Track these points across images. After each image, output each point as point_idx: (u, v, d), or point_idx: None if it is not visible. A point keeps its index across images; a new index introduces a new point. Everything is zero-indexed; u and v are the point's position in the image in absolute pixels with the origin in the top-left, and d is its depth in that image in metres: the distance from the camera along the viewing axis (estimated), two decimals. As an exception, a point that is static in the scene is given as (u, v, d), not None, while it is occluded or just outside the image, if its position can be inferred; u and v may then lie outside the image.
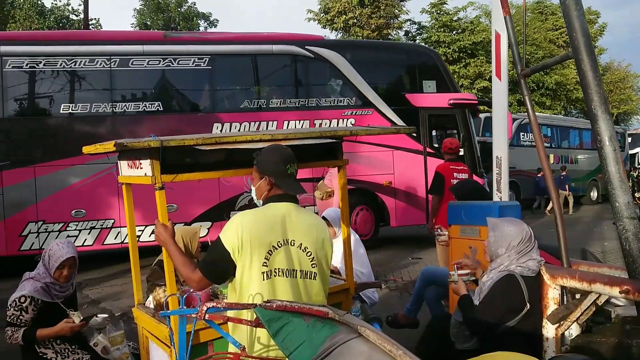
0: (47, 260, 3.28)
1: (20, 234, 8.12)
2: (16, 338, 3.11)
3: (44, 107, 8.67)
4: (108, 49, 8.52)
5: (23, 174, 8.12)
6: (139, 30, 35.33)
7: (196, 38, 9.24)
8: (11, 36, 9.27)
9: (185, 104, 9.44)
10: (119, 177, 3.09)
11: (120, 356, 3.36)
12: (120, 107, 8.68)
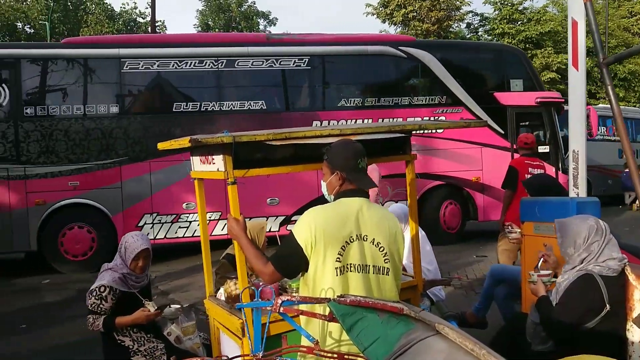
0: (123, 252, 3.43)
1: (137, 224, 8.64)
2: (97, 325, 3.26)
3: (157, 106, 9.20)
4: (216, 51, 8.94)
5: (139, 169, 8.66)
6: (201, 30, 36.36)
7: (296, 40, 9.54)
8: (129, 39, 9.98)
9: (286, 104, 9.75)
10: (192, 173, 3.18)
11: (192, 346, 3.47)
12: (226, 106, 9.05)
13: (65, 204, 8.49)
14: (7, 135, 8.31)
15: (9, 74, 8.42)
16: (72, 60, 8.75)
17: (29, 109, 8.49)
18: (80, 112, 8.60)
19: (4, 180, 8.28)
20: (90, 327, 3.29)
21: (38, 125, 8.43)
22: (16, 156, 8.33)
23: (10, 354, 5.05)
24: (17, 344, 5.34)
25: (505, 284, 4.19)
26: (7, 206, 8.28)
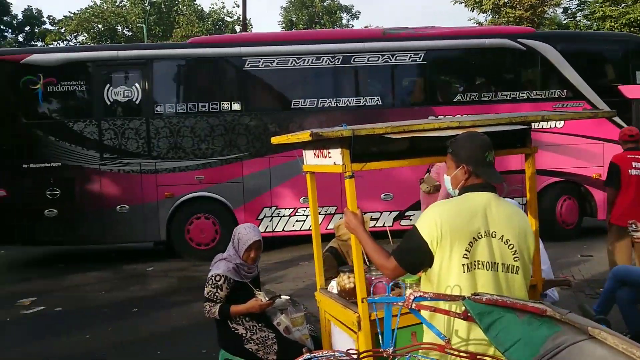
0: (236, 243, 3.54)
1: (257, 217, 9.05)
2: (213, 312, 3.40)
3: (277, 103, 9.51)
4: (333, 48, 9.06)
5: (260, 164, 9.00)
6: (285, 27, 37.00)
7: (412, 34, 9.40)
8: (251, 38, 10.12)
9: (402, 99, 9.74)
10: (304, 166, 3.22)
11: (301, 337, 3.52)
12: (343, 102, 9.12)
13: (191, 197, 9.01)
14: (139, 131, 8.88)
15: (142, 73, 8.97)
16: (198, 60, 9.21)
17: (159, 106, 9.01)
18: (205, 109, 9.03)
19: (136, 174, 8.88)
20: (207, 314, 3.43)
21: (167, 122, 8.94)
22: (148, 152, 8.90)
23: (129, 334, 5.42)
24: (132, 325, 5.72)
25: (629, 286, 3.90)
26: (140, 199, 8.90)
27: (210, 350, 4.74)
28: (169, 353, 4.80)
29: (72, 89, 8.91)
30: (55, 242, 9.20)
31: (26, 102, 8.89)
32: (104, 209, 8.82)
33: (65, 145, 8.75)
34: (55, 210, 8.70)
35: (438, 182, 6.50)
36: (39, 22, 38.76)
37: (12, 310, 6.40)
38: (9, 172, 8.77)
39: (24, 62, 8.72)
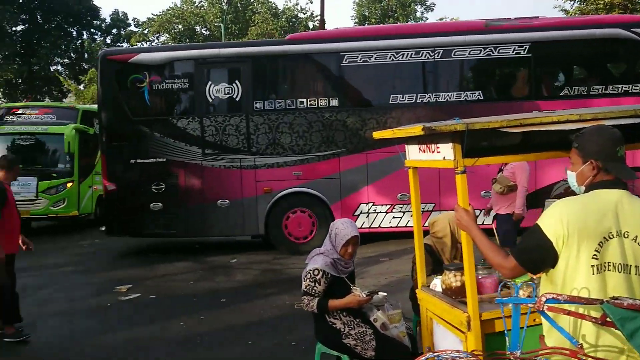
0: (333, 237, 3.54)
1: (353, 213, 9.13)
2: (312, 306, 3.43)
3: (375, 98, 9.38)
4: (432, 41, 8.90)
5: (357, 160, 9.04)
6: (358, 22, 36.83)
7: (516, 26, 9.08)
8: (348, 33, 10.00)
9: (505, 93, 9.47)
10: (406, 162, 3.16)
11: (398, 334, 3.48)
12: (442, 97, 8.97)
13: (289, 192, 9.17)
14: (239, 128, 9.11)
15: (242, 71, 9.17)
16: (297, 56, 9.30)
17: (258, 103, 9.16)
18: (303, 105, 9.13)
19: (237, 170, 9.14)
20: (305, 308, 3.46)
21: (266, 118, 9.11)
22: (247, 148, 9.12)
23: (219, 323, 5.60)
24: (222, 314, 5.91)
25: None
26: (240, 193, 9.17)
27: (299, 342, 4.81)
28: (258, 343, 4.91)
29: (176, 86, 9.27)
30: (160, 234, 9.61)
31: (133, 100, 9.31)
32: (205, 203, 9.13)
33: (169, 142, 9.12)
34: (160, 204, 9.11)
35: (513, 182, 6.23)
36: (125, 24, 40.91)
37: (111, 296, 6.80)
38: (119, 167, 9.27)
39: (132, 62, 9.16)
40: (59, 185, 12.20)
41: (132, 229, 9.45)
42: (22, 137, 12.59)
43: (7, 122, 12.85)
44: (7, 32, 36.19)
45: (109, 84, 9.36)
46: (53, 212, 12.19)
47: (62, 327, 5.53)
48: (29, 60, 35.87)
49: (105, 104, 9.41)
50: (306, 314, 5.62)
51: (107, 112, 9.39)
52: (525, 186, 6.24)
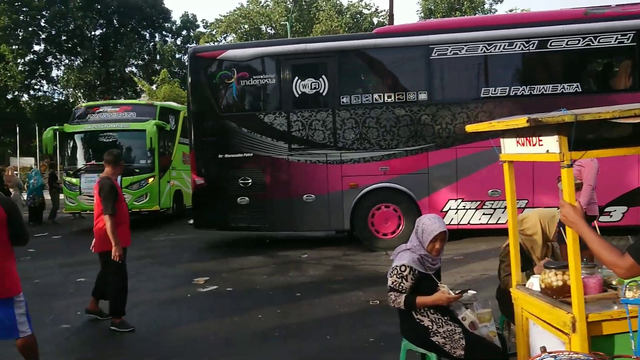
0: (420, 233, 3.46)
1: (441, 209, 8.99)
2: (398, 302, 3.37)
3: (465, 91, 9.05)
4: (527, 32, 8.55)
5: (446, 155, 8.85)
6: (424, 16, 36.18)
7: (619, 13, 8.57)
8: (438, 25, 9.72)
9: (605, 85, 8.98)
10: (501, 155, 3.05)
11: (488, 333, 3.37)
12: (537, 90, 8.56)
13: (375, 188, 9.09)
14: (326, 123, 9.11)
15: (328, 65, 9.17)
16: (384, 49, 9.18)
17: (345, 98, 9.10)
18: (390, 99, 9.00)
19: (322, 165, 9.16)
20: (391, 304, 3.41)
21: (353, 113, 9.04)
22: (333, 142, 9.11)
23: (296, 317, 5.67)
24: (298, 309, 5.96)
25: None
26: (325, 188, 9.20)
27: (377, 339, 4.77)
28: (336, 339, 4.90)
29: (263, 82, 9.39)
30: (246, 228, 9.76)
31: (222, 96, 9.50)
32: (291, 197, 9.20)
33: (256, 137, 9.25)
34: (247, 198, 9.27)
35: (579, 180, 5.89)
36: (194, 26, 42.35)
37: (190, 287, 7.03)
38: (207, 162, 9.51)
39: (220, 58, 9.37)
40: (142, 181, 12.62)
41: (220, 222, 9.64)
42: (104, 134, 13.11)
43: (89, 120, 13.33)
44: (87, 36, 38.36)
45: (198, 80, 9.54)
46: (136, 207, 12.52)
47: (146, 316, 5.77)
48: (107, 63, 37.87)
49: (194, 100, 9.60)
50: (382, 310, 5.61)
51: (196, 108, 9.59)
52: (591, 184, 5.91)
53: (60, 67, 39.53)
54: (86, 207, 12.66)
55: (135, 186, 12.59)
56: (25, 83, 36.48)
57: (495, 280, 3.96)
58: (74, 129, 13.29)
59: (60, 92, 39.78)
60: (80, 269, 8.30)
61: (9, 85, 35.43)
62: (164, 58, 38.60)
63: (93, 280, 7.45)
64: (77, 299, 6.52)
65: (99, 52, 38.78)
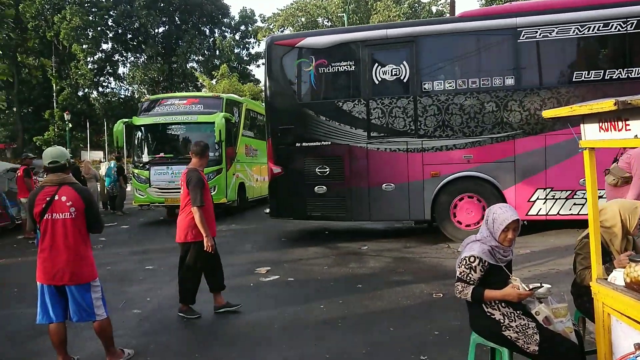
0: (491, 223, 3.33)
1: (529, 199, 8.57)
2: (465, 294, 3.27)
3: (556, 76, 8.61)
4: (626, 11, 8.02)
5: (534, 142, 8.41)
6: (486, 2, 34.97)
7: None
8: (528, 7, 9.12)
9: None
10: (581, 142, 2.88)
11: (564, 329, 3.22)
12: (635, 73, 8.05)
13: (458, 177, 8.73)
14: (407, 110, 8.79)
15: (410, 51, 8.83)
16: (469, 34, 8.79)
17: (427, 84, 8.75)
18: (475, 85, 8.61)
19: (402, 153, 8.85)
20: (458, 294, 3.32)
21: (435, 100, 8.67)
22: (414, 130, 8.79)
23: (359, 308, 5.64)
24: (359, 300, 5.89)
25: None
26: (405, 177, 8.87)
27: (442, 332, 4.67)
28: (400, 331, 4.83)
29: (342, 69, 9.15)
30: (323, 217, 9.58)
31: (300, 83, 9.35)
32: (370, 187, 8.95)
33: (334, 125, 9.04)
34: (325, 187, 9.09)
35: (629, 173, 5.36)
36: (252, 20, 42.99)
37: (252, 277, 7.14)
38: (285, 150, 9.35)
39: (298, 46, 9.23)
40: (210, 173, 12.28)
41: (296, 211, 9.51)
42: (172, 126, 13.13)
43: (157, 112, 13.24)
44: (150, 34, 39.78)
45: (276, 68, 9.43)
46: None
47: (210, 304, 5.90)
48: (169, 59, 39.15)
49: (272, 88, 9.51)
50: (447, 304, 5.48)
51: (274, 96, 9.50)
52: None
53: (126, 64, 41.27)
54: (156, 200, 12.79)
55: None
56: (94, 80, 38.34)
57: (567, 275, 3.78)
58: (142, 122, 13.24)
59: (126, 88, 41.56)
60: (148, 257, 8.58)
61: (79, 83, 37.36)
62: (223, 53, 39.42)
63: (161, 268, 7.83)
64: (146, 285, 6.71)
65: (162, 49, 40.15)
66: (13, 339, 4.82)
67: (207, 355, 4.36)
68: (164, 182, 12.66)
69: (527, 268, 6.83)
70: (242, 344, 4.61)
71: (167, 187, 12.60)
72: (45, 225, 3.82)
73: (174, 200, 12.19)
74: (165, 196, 12.67)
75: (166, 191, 12.63)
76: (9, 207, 11.50)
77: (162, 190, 12.68)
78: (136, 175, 13.21)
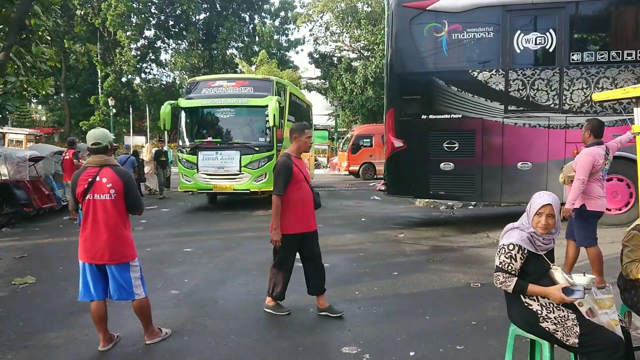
0: (528, 208, 3.23)
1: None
2: (507, 285, 3.15)
3: None
4: None
5: None
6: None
7: None
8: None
9: None
10: (634, 127, 2.73)
11: (609, 321, 3.08)
12: None
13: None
14: (551, 83, 8.14)
15: (558, 19, 8.17)
16: (627, 0, 8.09)
17: (576, 55, 8.13)
18: (631, 57, 7.91)
19: (543, 129, 8.20)
20: (499, 285, 3.21)
21: (584, 72, 8.06)
22: (558, 105, 8.14)
23: (392, 296, 5.58)
24: (395, 287, 5.84)
25: None
26: (545, 156, 8.26)
27: (480, 323, 4.57)
28: (437, 319, 4.74)
29: (479, 36, 8.44)
30: (448, 196, 9.09)
31: (429, 50, 8.68)
32: (503, 165, 8.36)
33: (467, 97, 8.39)
34: (452, 164, 8.50)
35: (575, 173, 5.15)
36: (291, 6, 42.85)
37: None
38: (408, 123, 8.69)
39: (430, 9, 8.53)
40: (261, 160, 11.83)
41: (417, 189, 9.01)
42: (222, 109, 12.45)
43: (205, 94, 12.51)
44: (192, 21, 40.23)
45: (402, 33, 8.75)
46: (255, 187, 11.80)
47: (249, 285, 5.96)
48: (210, 46, 39.54)
49: (397, 54, 8.88)
50: (484, 293, 5.36)
51: (399, 63, 8.86)
52: (580, 178, 5.06)
53: (168, 51, 41.96)
54: (203, 186, 12.19)
55: (254, 165, 11.84)
56: (137, 67, 39.16)
57: (613, 267, 3.62)
58: (189, 104, 12.48)
59: (168, 74, 42.28)
60: (186, 240, 8.77)
61: (123, 69, 38.25)
62: (263, 39, 39.53)
63: (199, 251, 7.94)
64: (184, 267, 6.82)
65: (202, 36, 40.58)
66: (56, 314, 4.99)
67: (244, 336, 4.40)
68: (213, 168, 12.07)
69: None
70: (276, 328, 4.63)
71: (216, 173, 12.08)
72: (87, 206, 3.90)
73: (222, 187, 12.04)
74: (214, 183, 12.16)
75: (215, 177, 12.13)
76: (55, 188, 11.90)
77: (211, 176, 12.17)
78: (183, 161, 12.48)
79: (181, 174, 12.56)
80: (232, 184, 11.95)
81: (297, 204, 4.68)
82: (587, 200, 5.21)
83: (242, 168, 11.86)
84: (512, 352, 3.24)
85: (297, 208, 4.69)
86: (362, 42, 36.89)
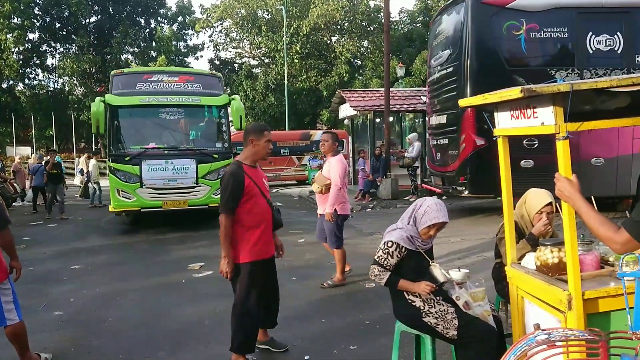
0: (420, 214, 3.30)
1: None
2: (381, 278, 3.27)
3: None
4: None
5: None
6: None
7: None
8: None
9: None
10: (495, 130, 2.95)
11: (482, 313, 3.30)
12: None
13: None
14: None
15: (625, 22, 8.53)
16: None
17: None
18: None
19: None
20: (373, 277, 3.31)
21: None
22: None
23: (295, 303, 5.56)
24: (293, 292, 5.86)
25: None
26: (615, 152, 8.54)
27: (373, 321, 4.70)
28: (332, 322, 4.83)
29: (555, 35, 8.65)
30: None
31: (508, 48, 8.79)
32: (580, 161, 8.35)
33: None
34: (532, 161, 8.52)
35: (329, 180, 5.80)
36: (190, 11, 41.88)
37: (185, 273, 6.93)
38: (490, 120, 8.90)
39: (510, 7, 8.66)
40: (221, 168, 9.81)
41: (500, 187, 9.04)
42: (167, 109, 10.37)
43: (141, 90, 10.31)
44: (81, 24, 37.95)
45: (482, 30, 8.80)
46: (214, 200, 9.46)
47: (143, 302, 5.70)
48: (102, 50, 37.52)
49: (475, 50, 8.82)
50: (377, 293, 5.54)
51: (477, 59, 8.81)
52: (338, 184, 5.73)
53: (55, 55, 39.25)
54: (149, 204, 9.84)
55: (213, 175, 9.94)
56: (20, 72, 36.20)
57: (491, 260, 3.89)
58: (124, 102, 10.06)
59: (56, 80, 39.51)
60: (75, 257, 8.19)
61: (4, 74, 35.16)
62: (161, 44, 38.24)
63: (88, 267, 7.47)
64: (70, 285, 6.39)
65: (94, 40, 38.44)
66: None
67: (134, 355, 4.19)
68: (162, 181, 9.83)
69: (457, 255, 7.02)
70: (169, 343, 4.46)
71: (166, 186, 9.87)
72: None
73: (174, 204, 9.90)
74: (164, 199, 9.91)
75: (164, 192, 9.90)
76: None
77: (159, 191, 9.89)
78: (118, 173, 9.91)
79: (116, 189, 9.90)
80: (187, 198, 9.92)
81: (251, 224, 3.83)
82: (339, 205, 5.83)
83: (199, 179, 9.97)
84: (398, 348, 3.36)
85: (252, 229, 3.84)
86: (263, 49, 36.95)
